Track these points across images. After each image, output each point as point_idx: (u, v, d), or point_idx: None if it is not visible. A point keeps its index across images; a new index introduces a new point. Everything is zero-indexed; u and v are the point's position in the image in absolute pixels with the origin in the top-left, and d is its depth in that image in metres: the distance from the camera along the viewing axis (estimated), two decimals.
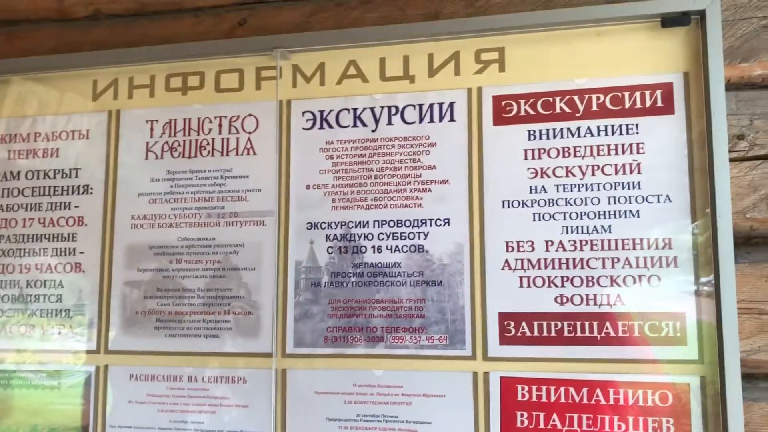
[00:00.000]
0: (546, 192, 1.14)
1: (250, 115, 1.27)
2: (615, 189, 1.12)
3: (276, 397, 1.19)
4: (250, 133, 1.27)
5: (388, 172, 1.21)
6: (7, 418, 1.29)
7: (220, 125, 1.29)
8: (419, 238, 1.18)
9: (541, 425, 1.10)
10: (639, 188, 1.11)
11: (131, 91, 1.33)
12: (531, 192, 1.15)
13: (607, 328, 1.09)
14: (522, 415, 1.10)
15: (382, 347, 1.17)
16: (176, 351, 1.24)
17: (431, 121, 1.20)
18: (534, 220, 1.14)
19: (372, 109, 1.22)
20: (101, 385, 1.26)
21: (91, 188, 1.32)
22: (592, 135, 1.14)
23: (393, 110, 1.21)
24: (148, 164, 1.31)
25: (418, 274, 1.18)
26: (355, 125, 1.23)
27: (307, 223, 1.23)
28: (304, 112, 1.25)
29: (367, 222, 1.21)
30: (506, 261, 1.14)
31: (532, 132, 1.16)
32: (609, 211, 1.12)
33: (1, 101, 1.38)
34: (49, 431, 1.27)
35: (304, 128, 1.25)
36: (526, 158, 1.16)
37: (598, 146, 1.13)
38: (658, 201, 1.10)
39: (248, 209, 1.25)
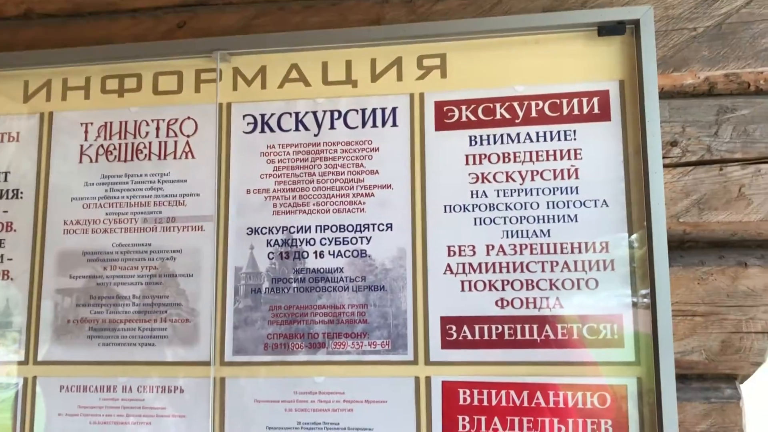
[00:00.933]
0: (487, 197, 1.15)
1: (188, 118, 1.25)
2: (554, 194, 1.14)
3: (214, 406, 1.16)
4: (188, 136, 1.25)
5: (331, 177, 1.20)
6: None
7: (157, 128, 1.26)
8: (362, 243, 1.18)
9: (483, 429, 1.10)
10: (577, 193, 1.13)
11: (65, 92, 1.29)
12: (472, 197, 1.16)
13: (546, 331, 1.10)
14: (464, 419, 1.10)
15: (324, 353, 1.16)
16: (110, 360, 1.20)
17: (374, 125, 1.20)
18: (475, 224, 1.15)
19: (314, 113, 1.21)
20: (29, 398, 1.21)
21: (21, 192, 1.27)
22: (532, 141, 1.15)
23: (336, 114, 1.21)
24: (82, 168, 1.26)
25: (360, 279, 1.17)
26: (297, 129, 1.22)
27: (248, 229, 1.20)
28: (244, 116, 1.23)
29: (309, 227, 1.19)
30: (448, 265, 1.15)
31: (473, 137, 1.17)
32: (548, 216, 1.13)
33: None
34: None
35: (244, 132, 1.23)
36: (467, 163, 1.17)
37: (537, 152, 1.15)
38: (596, 206, 1.12)
39: (186, 214, 1.22)
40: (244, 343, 1.17)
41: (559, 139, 1.14)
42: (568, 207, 1.13)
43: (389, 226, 1.17)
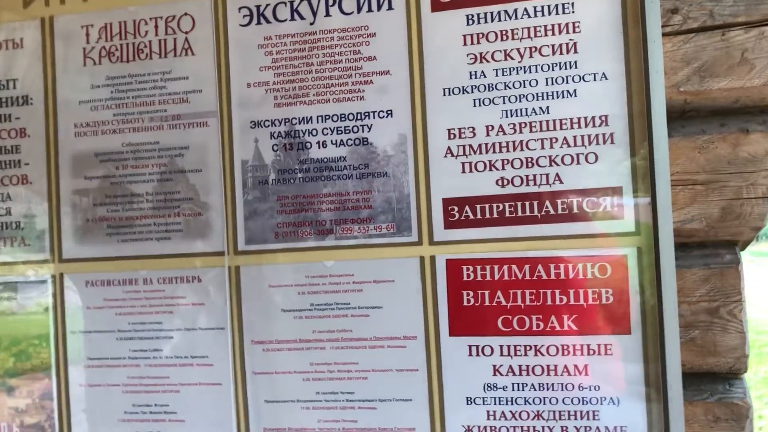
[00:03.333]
0: (485, 77, 1.15)
1: (185, 14, 1.25)
2: (552, 70, 1.13)
3: (231, 293, 1.22)
4: (186, 33, 1.25)
5: (329, 66, 1.20)
6: None
7: (156, 27, 1.26)
8: (363, 131, 1.19)
9: (487, 302, 1.14)
10: (576, 68, 1.12)
11: None
12: (471, 78, 1.15)
13: (547, 207, 1.12)
14: (468, 294, 1.14)
15: (332, 239, 1.19)
16: (129, 255, 1.26)
17: (369, 10, 1.18)
18: (474, 106, 1.15)
19: (309, 0, 1.20)
20: (58, 293, 1.28)
21: (31, 98, 1.30)
22: (530, 16, 1.13)
23: (330, 1, 1.20)
24: (86, 71, 1.28)
25: (363, 167, 1.19)
26: (292, 18, 1.21)
27: (251, 122, 1.22)
28: (240, 8, 1.22)
29: (311, 117, 1.21)
30: (448, 148, 1.16)
31: (470, 16, 1.15)
32: (547, 93, 1.13)
33: None
34: (11, 342, 1.29)
35: (241, 25, 1.23)
36: (465, 44, 1.16)
37: (535, 27, 1.13)
38: (595, 79, 1.11)
39: (190, 111, 1.24)
40: (255, 232, 1.21)
41: (557, 13, 1.12)
42: (567, 82, 1.12)
43: (389, 112, 1.18)
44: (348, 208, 1.19)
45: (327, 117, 1.20)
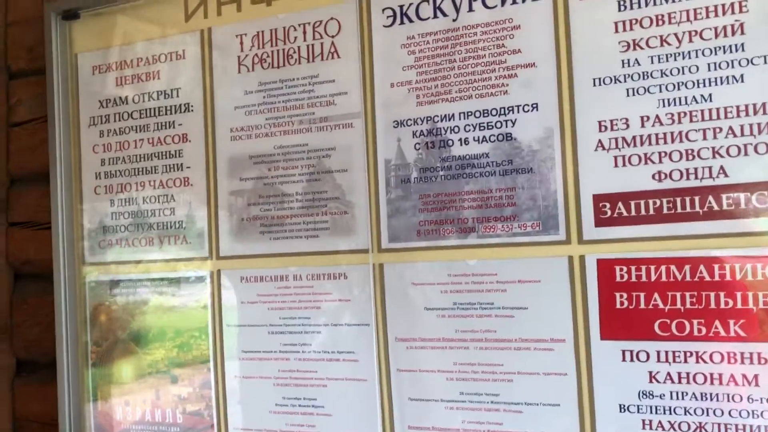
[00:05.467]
0: (639, 65, 1.08)
1: (331, 18, 1.28)
2: (715, 54, 1.04)
3: (375, 290, 1.24)
4: (333, 36, 1.28)
5: (472, 62, 1.19)
6: (138, 323, 1.42)
7: (304, 32, 1.31)
8: (507, 126, 1.16)
9: (642, 305, 1.07)
10: (743, 50, 1.02)
11: (219, 8, 1.37)
12: (623, 66, 1.09)
13: (710, 202, 1.04)
14: (621, 296, 1.08)
15: (474, 237, 1.18)
16: (281, 252, 1.31)
17: (514, 2, 1.16)
18: (627, 95, 1.09)
19: None
20: (216, 289, 1.36)
21: (192, 106, 1.39)
22: None
23: None
24: (240, 78, 1.35)
25: (507, 163, 1.16)
26: (435, 16, 1.21)
27: (394, 122, 1.23)
28: (384, 9, 1.24)
29: (453, 115, 1.20)
30: (599, 141, 1.10)
31: (621, 3, 1.09)
32: (709, 79, 1.04)
33: (107, 31, 1.47)
34: (175, 333, 1.39)
35: (384, 26, 1.24)
36: (616, 31, 1.10)
37: (695, 10, 1.05)
38: (765, 62, 1.01)
39: (337, 113, 1.27)
40: (399, 230, 1.22)
41: None
42: (732, 67, 1.03)
43: (534, 106, 1.14)
44: (491, 205, 1.17)
45: (469, 113, 1.19)
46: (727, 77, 1.03)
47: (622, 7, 1.09)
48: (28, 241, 1.56)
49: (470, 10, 1.18)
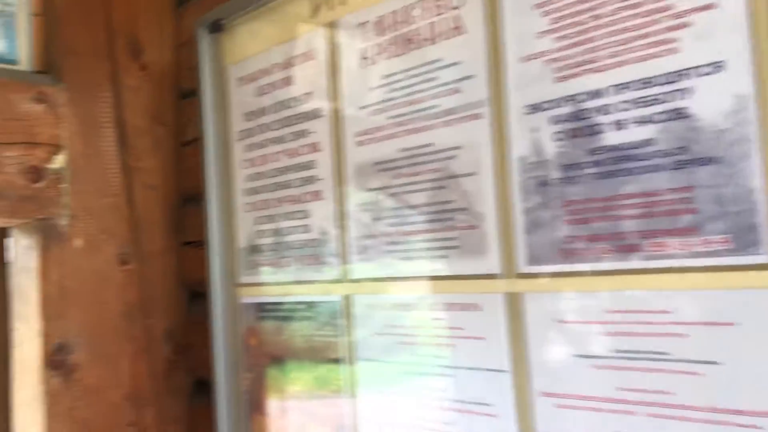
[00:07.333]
0: None
1: None
2: None
3: (509, 327, 0.96)
4: (456, 8, 1.03)
5: (624, 13, 0.85)
6: (279, 350, 1.32)
7: (423, 9, 1.07)
8: (678, 99, 0.80)
9: None
10: None
11: None
12: None
13: None
14: None
15: (639, 259, 0.84)
16: (409, 276, 1.10)
17: None
18: None
19: None
20: (346, 316, 1.19)
21: (321, 111, 1.24)
22: None
23: None
24: (364, 73, 1.17)
25: (681, 152, 0.80)
26: None
27: (528, 106, 0.94)
28: None
29: (603, 89, 0.87)
30: None
31: None
32: None
33: (247, 41, 1.40)
34: (314, 363, 1.26)
35: None
36: None
37: None
38: None
39: (463, 102, 1.02)
40: (539, 250, 0.93)
41: None
42: None
43: (718, 65, 0.77)
44: (660, 213, 0.82)
45: (625, 86, 0.85)
46: None
47: None
48: (202, 260, 1.57)
49: None
